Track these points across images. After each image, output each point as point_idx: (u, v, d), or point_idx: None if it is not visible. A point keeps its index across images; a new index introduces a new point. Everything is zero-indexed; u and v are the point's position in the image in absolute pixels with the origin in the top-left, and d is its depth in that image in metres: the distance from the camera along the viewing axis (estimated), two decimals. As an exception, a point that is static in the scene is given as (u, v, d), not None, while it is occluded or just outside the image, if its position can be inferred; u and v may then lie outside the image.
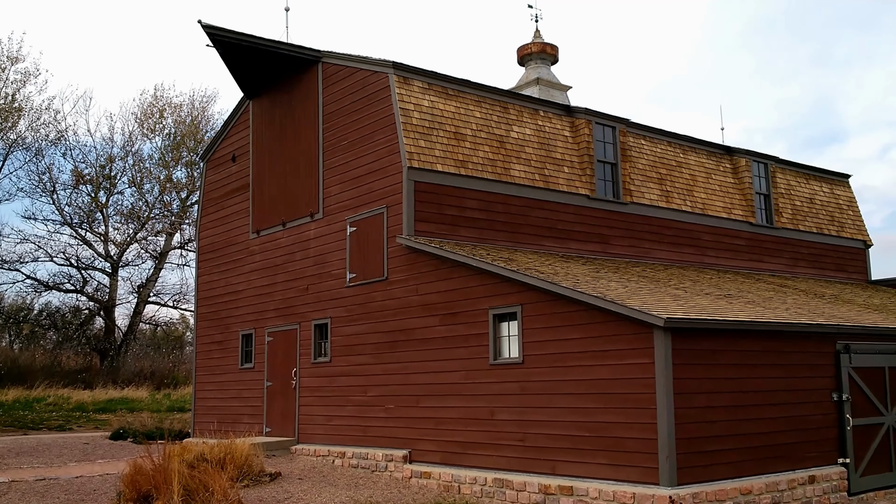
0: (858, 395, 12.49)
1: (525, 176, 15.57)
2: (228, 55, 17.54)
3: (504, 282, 12.33)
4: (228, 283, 19.15)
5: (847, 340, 12.52)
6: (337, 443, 15.30)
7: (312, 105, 16.90)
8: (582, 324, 11.16)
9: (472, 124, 15.31)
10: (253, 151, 18.69)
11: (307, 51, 16.82)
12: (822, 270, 20.66)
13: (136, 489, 11.04)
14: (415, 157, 14.21)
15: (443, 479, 12.84)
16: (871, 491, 12.29)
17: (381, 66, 14.99)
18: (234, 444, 13.25)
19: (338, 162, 16.06)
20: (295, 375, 16.63)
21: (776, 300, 14.31)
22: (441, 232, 14.30)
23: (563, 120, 16.82)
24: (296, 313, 16.80)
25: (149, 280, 39.08)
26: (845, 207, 21.97)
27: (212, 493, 10.74)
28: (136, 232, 38.24)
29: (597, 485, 10.63)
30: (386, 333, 14.51)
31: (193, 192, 38.35)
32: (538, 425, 11.65)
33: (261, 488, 12.57)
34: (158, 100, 39.80)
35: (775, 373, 11.49)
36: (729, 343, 10.97)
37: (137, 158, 39.16)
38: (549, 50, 21.06)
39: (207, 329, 19.82)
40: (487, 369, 12.54)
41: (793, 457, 11.45)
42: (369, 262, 14.97)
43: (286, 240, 17.35)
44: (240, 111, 19.36)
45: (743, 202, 19.33)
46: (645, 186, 17.45)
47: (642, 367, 10.36)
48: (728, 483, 10.47)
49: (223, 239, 19.50)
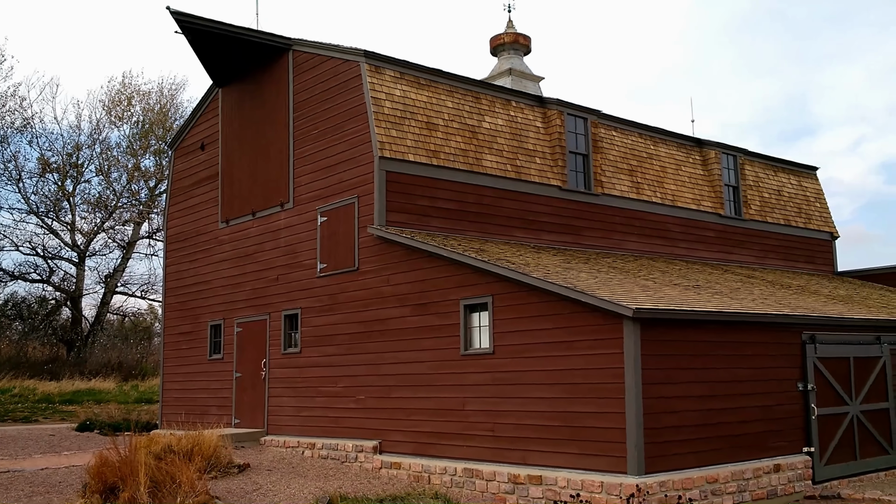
0: (823, 384, 12.67)
1: (497, 167, 15.56)
2: (197, 42, 17.32)
3: (475, 272, 12.33)
4: (197, 273, 18.96)
5: (813, 331, 12.69)
6: (307, 434, 15.24)
7: (283, 93, 16.75)
8: (552, 314, 11.20)
9: (444, 114, 15.26)
10: (222, 140, 18.49)
11: (277, 38, 16.65)
12: (789, 262, 20.92)
13: (103, 481, 10.91)
14: (386, 147, 14.14)
15: (413, 469, 12.84)
16: (835, 479, 12.48)
17: (353, 55, 14.88)
18: (203, 436, 13.13)
19: (308, 151, 15.93)
20: (265, 366, 16.52)
21: (743, 291, 14.46)
22: (412, 222, 14.25)
23: (535, 111, 16.83)
24: (266, 304, 16.68)
25: (116, 270, 38.61)
26: (812, 200, 22.24)
27: (179, 485, 10.63)
28: (104, 221, 37.73)
29: (566, 474, 10.69)
30: (357, 324, 14.45)
31: (162, 180, 37.89)
32: (508, 415, 11.68)
33: (229, 480, 12.48)
34: (126, 87, 39.24)
35: (742, 363, 11.62)
36: (697, 333, 11.06)
37: (105, 146, 38.61)
38: (521, 40, 21.06)
39: (176, 320, 19.63)
40: (458, 360, 12.54)
41: (759, 446, 11.60)
42: (340, 252, 14.89)
43: (256, 229, 17.21)
44: (209, 99, 19.14)
45: (712, 194, 19.50)
46: (616, 178, 17.53)
47: (611, 358, 10.42)
48: (695, 472, 10.58)
49: (192, 228, 19.30)
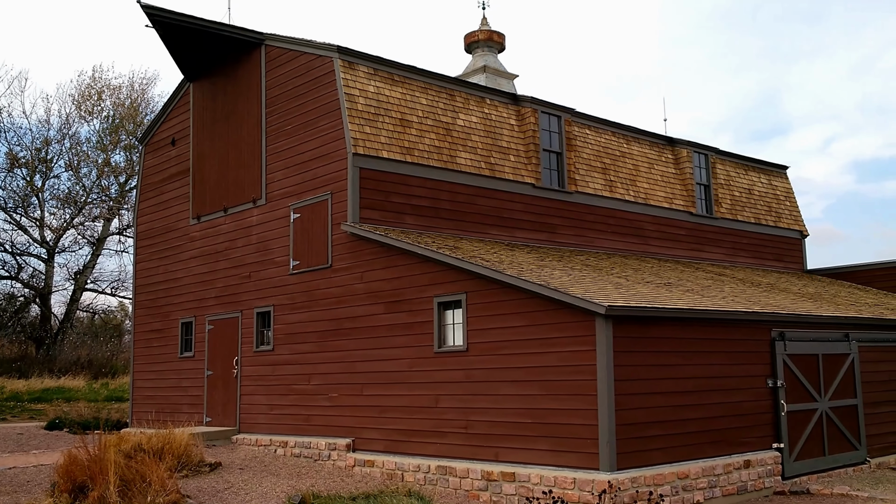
0: (793, 381, 12.82)
1: (471, 164, 15.56)
2: (168, 36, 17.13)
3: (449, 270, 12.32)
4: (168, 270, 18.77)
5: (782, 328, 12.83)
6: (279, 432, 15.15)
7: (255, 89, 16.62)
8: (525, 311, 11.22)
9: (419, 111, 15.23)
10: (193, 135, 18.32)
11: (250, 33, 16.52)
12: (759, 260, 21.15)
13: (72, 480, 10.78)
14: (360, 144, 14.08)
15: (386, 467, 12.81)
16: (804, 475, 12.64)
17: (326, 51, 14.80)
18: (173, 434, 13.02)
19: (281, 147, 15.83)
20: (236, 364, 16.39)
21: (714, 289, 14.59)
22: (386, 219, 14.21)
23: (509, 108, 16.85)
24: (238, 301, 16.56)
25: (86, 266, 38.12)
26: (783, 198, 22.50)
27: (149, 484, 10.53)
28: (73, 217, 37.23)
29: (538, 470, 10.72)
30: (330, 321, 14.39)
31: (132, 176, 37.45)
32: (482, 413, 11.69)
33: (200, 478, 12.38)
34: (97, 81, 38.71)
35: (713, 359, 11.72)
36: (668, 330, 11.15)
37: (74, 141, 38.06)
38: (496, 38, 21.07)
39: (146, 317, 19.42)
40: (432, 357, 12.53)
41: (729, 442, 11.71)
42: (313, 249, 14.81)
43: (228, 226, 17.06)
44: (180, 94, 18.94)
45: (684, 192, 19.66)
46: (589, 176, 17.61)
47: (584, 355, 10.46)
48: (666, 467, 10.66)
49: (162, 225, 19.10)
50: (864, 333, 14.30)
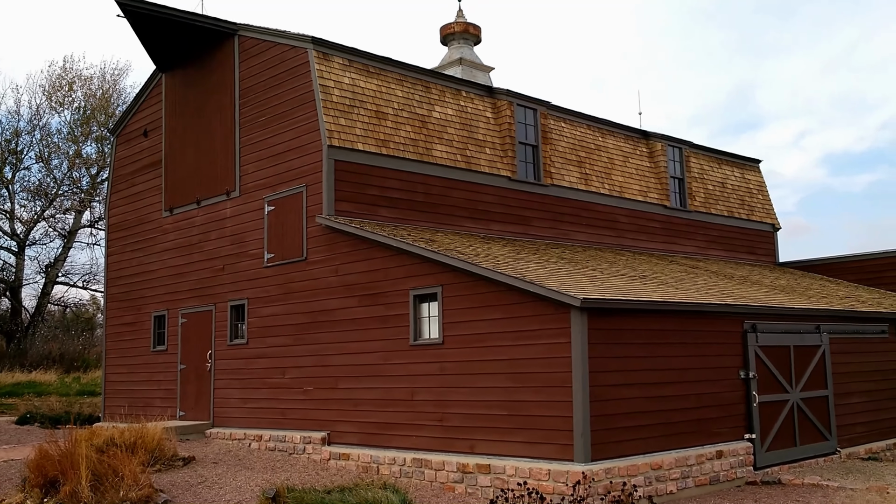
0: (765, 372, 12.95)
1: (447, 157, 15.53)
2: (140, 26, 16.91)
3: (425, 262, 12.30)
4: (140, 262, 18.57)
5: (754, 320, 12.95)
6: (254, 426, 15.06)
7: (229, 79, 16.46)
8: (501, 304, 11.23)
9: (394, 103, 15.17)
10: (166, 126, 18.11)
11: (223, 23, 16.34)
12: (732, 252, 21.34)
13: (43, 475, 10.66)
14: (335, 136, 14.00)
15: (361, 460, 12.79)
16: (776, 465, 12.78)
17: (301, 41, 14.69)
18: (146, 428, 12.90)
19: (255, 139, 15.70)
20: (210, 358, 16.27)
21: (688, 281, 14.69)
22: (362, 212, 14.15)
23: (485, 101, 16.83)
24: (211, 294, 16.42)
25: (57, 259, 37.66)
26: (755, 191, 22.70)
27: (122, 478, 10.42)
28: (44, 209, 36.75)
29: (514, 462, 10.75)
30: (305, 315, 14.32)
31: (104, 168, 36.99)
32: (457, 405, 11.70)
33: (174, 472, 12.28)
34: (68, 72, 38.18)
35: (686, 351, 11.81)
36: (643, 322, 11.21)
37: (45, 133, 37.57)
38: (471, 30, 21.03)
39: (118, 310, 19.21)
40: (407, 350, 12.51)
41: (702, 432, 11.81)
42: (288, 241, 14.72)
43: (201, 218, 16.91)
44: (152, 84, 18.71)
45: (658, 186, 19.77)
46: (565, 169, 17.65)
47: (559, 347, 10.49)
48: (640, 458, 10.73)
49: (135, 217, 18.89)
50: (834, 325, 14.48)
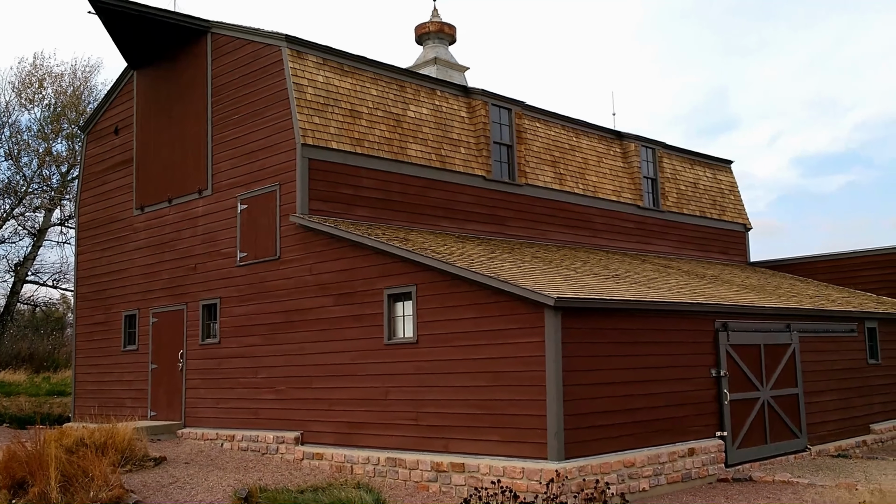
0: (736, 371, 13.08)
1: (422, 156, 15.52)
2: (111, 23, 16.71)
3: (399, 262, 12.28)
4: (111, 261, 18.36)
5: (725, 319, 13.08)
6: (226, 426, 14.95)
7: (201, 77, 16.32)
8: (476, 304, 11.24)
9: (369, 102, 15.13)
10: (137, 124, 17.92)
11: (196, 20, 16.20)
12: (704, 252, 21.54)
13: (11, 476, 10.54)
14: (309, 134, 13.94)
15: (335, 459, 12.74)
16: (747, 462, 12.92)
17: (274, 39, 14.60)
18: (116, 429, 12.76)
19: (228, 137, 15.58)
20: (182, 357, 16.12)
21: (660, 280, 14.81)
22: (336, 211, 14.10)
23: (459, 100, 16.84)
24: (183, 293, 16.27)
25: (27, 258, 37.11)
26: (727, 192, 22.93)
27: (92, 479, 10.31)
28: (13, 207, 36.20)
29: (488, 461, 10.77)
30: (278, 314, 14.23)
31: (74, 165, 36.50)
32: (432, 404, 11.69)
33: (145, 473, 12.16)
34: (38, 69, 37.62)
35: (658, 350, 11.90)
36: (616, 321, 11.28)
37: (15, 130, 36.98)
38: (447, 30, 21.03)
39: (89, 310, 18.98)
40: (382, 349, 12.48)
41: (674, 430, 11.91)
42: (261, 240, 14.63)
43: (173, 217, 16.75)
44: (123, 81, 18.51)
45: (631, 186, 19.90)
46: (539, 169, 17.71)
47: (533, 346, 10.52)
48: (613, 456, 10.79)
49: (105, 215, 18.67)
50: (804, 324, 14.66)
